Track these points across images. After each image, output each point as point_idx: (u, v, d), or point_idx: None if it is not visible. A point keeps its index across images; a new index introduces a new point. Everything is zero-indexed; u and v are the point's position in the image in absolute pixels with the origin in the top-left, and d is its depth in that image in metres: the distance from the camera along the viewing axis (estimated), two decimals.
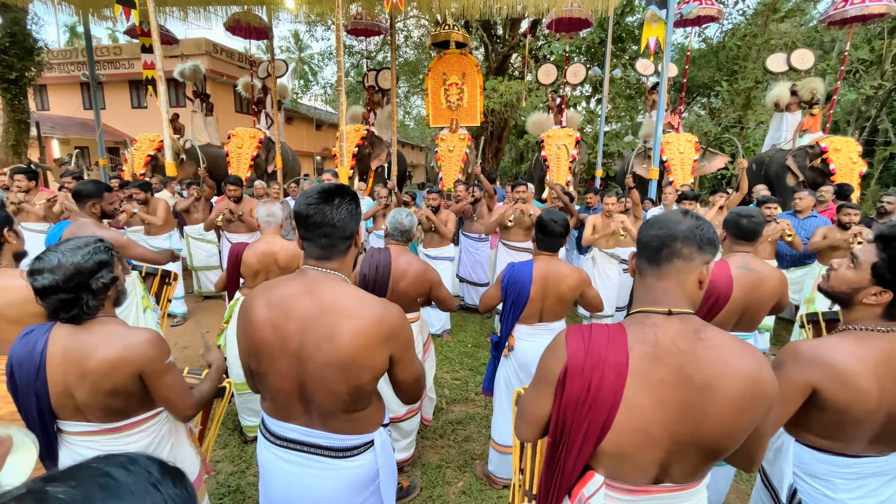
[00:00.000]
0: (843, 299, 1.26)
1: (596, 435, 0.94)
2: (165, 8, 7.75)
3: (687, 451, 0.93)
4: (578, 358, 0.95)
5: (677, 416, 0.90)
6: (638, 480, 0.98)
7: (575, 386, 0.95)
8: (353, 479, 1.21)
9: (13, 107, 9.10)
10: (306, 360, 1.12)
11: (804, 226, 4.53)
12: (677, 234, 0.95)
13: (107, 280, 1.28)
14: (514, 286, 2.25)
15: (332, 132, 21.82)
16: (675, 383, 0.90)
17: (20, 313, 1.55)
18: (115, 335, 1.27)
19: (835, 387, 1.15)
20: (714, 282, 1.96)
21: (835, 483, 1.25)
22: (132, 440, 1.36)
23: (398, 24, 13.36)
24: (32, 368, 1.22)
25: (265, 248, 2.63)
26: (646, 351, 0.92)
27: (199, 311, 5.28)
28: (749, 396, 0.88)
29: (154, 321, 2.92)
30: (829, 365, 1.15)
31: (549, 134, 8.05)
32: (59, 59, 17.17)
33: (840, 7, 7.27)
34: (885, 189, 14.73)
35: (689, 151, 7.61)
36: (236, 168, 8.25)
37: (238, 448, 2.79)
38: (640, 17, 12.33)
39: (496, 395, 2.49)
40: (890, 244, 1.17)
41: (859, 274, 1.21)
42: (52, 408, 1.26)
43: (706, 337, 0.92)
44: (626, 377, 0.91)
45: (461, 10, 6.63)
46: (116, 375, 1.24)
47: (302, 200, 1.16)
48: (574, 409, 0.95)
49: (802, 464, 1.30)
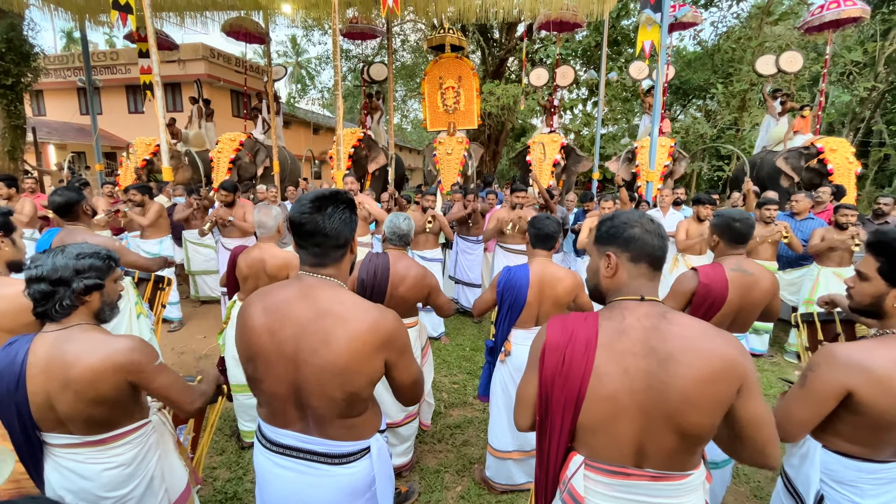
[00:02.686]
0: (874, 312, 1.27)
1: (573, 406, 1.01)
2: (162, 13, 7.76)
3: (657, 425, 0.97)
4: (555, 336, 1.06)
5: (643, 385, 0.96)
6: (615, 459, 1.01)
7: (552, 361, 1.04)
8: (349, 485, 1.21)
9: (9, 112, 9.07)
10: (302, 366, 1.12)
11: (801, 227, 4.54)
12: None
13: (89, 283, 1.28)
14: (510, 290, 2.23)
15: (330, 136, 21.83)
16: (640, 353, 0.97)
17: (14, 323, 1.53)
18: (98, 342, 1.25)
19: (873, 391, 1.14)
20: (710, 284, 1.97)
21: (863, 489, 1.25)
22: (117, 452, 1.33)
23: (395, 27, 13.40)
24: (13, 379, 1.21)
25: (257, 254, 2.64)
26: (613, 326, 1.02)
27: (195, 316, 5.26)
28: (712, 369, 0.93)
29: (148, 327, 2.90)
30: (867, 368, 1.15)
31: (535, 140, 8.12)
32: (56, 65, 17.17)
33: (817, 13, 7.46)
34: (881, 190, 14.82)
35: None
36: (217, 171, 8.22)
37: (235, 454, 2.78)
38: (636, 20, 12.40)
39: (492, 401, 2.47)
40: (882, 249, 1.22)
41: (874, 284, 1.24)
42: (34, 419, 1.24)
43: (672, 317, 1.01)
44: (596, 348, 1.00)
45: (457, 13, 6.66)
46: (101, 383, 1.22)
47: (296, 208, 1.16)
48: (551, 384, 1.04)
49: (830, 470, 1.29)
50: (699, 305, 1.98)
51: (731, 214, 2.03)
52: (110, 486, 1.33)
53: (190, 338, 4.64)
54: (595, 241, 1.13)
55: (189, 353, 4.26)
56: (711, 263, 2.06)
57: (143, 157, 8.39)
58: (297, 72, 22.45)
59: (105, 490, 1.32)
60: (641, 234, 1.05)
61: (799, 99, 12.17)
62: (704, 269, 2.02)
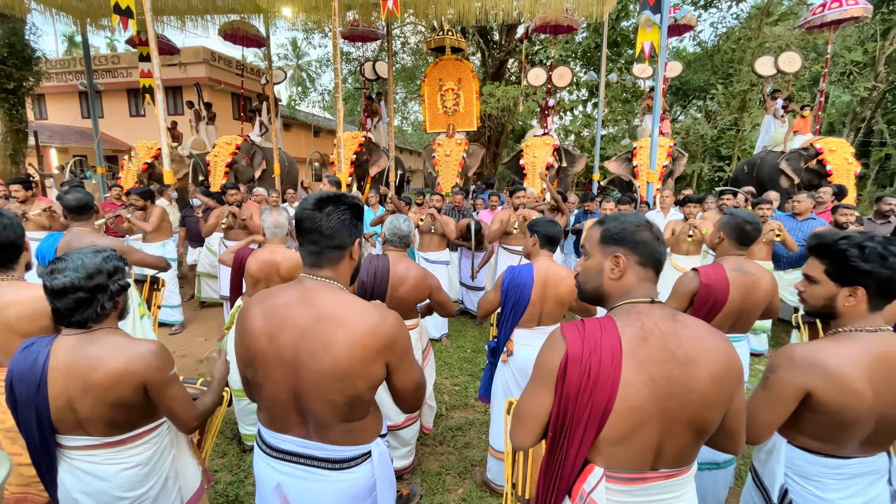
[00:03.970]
0: (828, 313, 1.29)
1: (598, 421, 0.97)
2: (163, 17, 7.79)
3: (678, 428, 0.97)
4: (577, 346, 0.99)
5: (667, 391, 0.95)
6: (636, 467, 1.00)
7: (575, 374, 0.98)
8: (350, 490, 1.20)
9: (11, 116, 9.11)
10: (301, 370, 1.11)
11: (802, 228, 4.53)
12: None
13: (123, 284, 1.31)
14: (514, 289, 2.24)
15: (330, 138, 21.88)
16: (662, 359, 0.96)
17: (31, 326, 1.53)
18: (120, 346, 1.26)
19: (830, 389, 1.16)
20: (711, 285, 1.96)
21: (825, 483, 1.28)
22: (134, 453, 1.34)
23: (395, 30, 13.44)
24: (33, 382, 1.21)
25: (268, 256, 2.60)
26: (634, 333, 0.99)
27: (196, 319, 5.26)
28: (724, 368, 0.96)
29: (150, 328, 2.91)
30: (824, 368, 1.17)
31: (528, 143, 8.12)
32: (58, 69, 17.22)
33: (819, 12, 7.44)
34: (882, 190, 14.80)
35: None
36: (213, 175, 8.22)
37: (237, 457, 2.77)
38: (635, 21, 12.42)
39: (493, 402, 2.47)
40: (824, 252, 1.26)
41: (825, 286, 1.27)
42: (52, 422, 1.25)
43: (682, 319, 1.02)
44: (622, 359, 0.96)
45: (457, 16, 6.67)
46: (121, 387, 1.23)
47: (300, 205, 1.18)
48: (575, 398, 0.98)
49: (794, 465, 1.32)
50: (700, 306, 1.98)
51: (742, 216, 2.02)
52: (127, 486, 1.33)
53: (191, 341, 4.64)
54: (601, 242, 1.09)
55: (190, 356, 4.26)
56: (712, 264, 2.06)
57: (145, 161, 8.40)
58: (298, 74, 22.51)
59: (122, 490, 1.33)
60: (650, 238, 1.05)
61: (799, 99, 12.17)
62: (706, 269, 2.01)
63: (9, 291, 1.57)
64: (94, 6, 7.29)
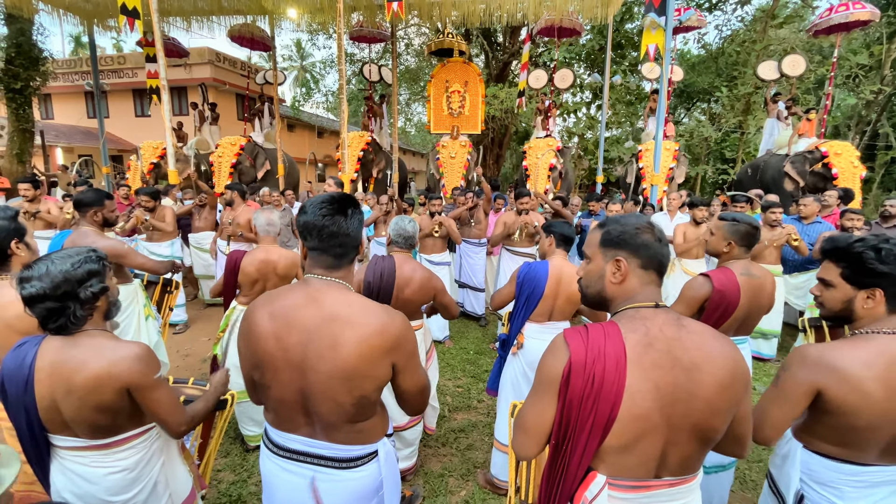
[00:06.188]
0: (846, 317, 1.28)
1: (601, 429, 0.94)
2: (169, 18, 7.84)
3: (682, 436, 0.95)
4: (580, 353, 0.97)
5: (671, 399, 0.93)
6: (639, 474, 0.98)
7: (579, 382, 0.95)
8: (357, 490, 1.20)
9: (18, 116, 9.18)
10: (309, 371, 1.11)
11: (808, 231, 4.50)
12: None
13: (96, 290, 1.25)
14: (529, 282, 2.29)
15: (334, 139, 21.94)
16: (667, 366, 0.94)
17: (30, 326, 1.54)
18: (103, 349, 1.23)
19: (841, 389, 1.15)
20: (723, 290, 1.95)
21: (843, 491, 1.24)
22: (121, 457, 1.33)
23: (399, 31, 13.47)
24: (21, 382, 1.21)
25: (263, 256, 2.60)
26: (638, 339, 0.96)
27: (200, 319, 5.28)
28: (730, 375, 0.94)
29: (156, 329, 2.92)
30: (835, 367, 1.16)
31: (531, 145, 8.12)
32: (64, 69, 17.35)
33: (826, 16, 7.45)
34: (888, 193, 14.72)
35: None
36: (218, 177, 8.27)
37: (240, 457, 2.78)
38: (640, 23, 12.41)
39: (501, 395, 2.48)
40: (840, 256, 1.26)
41: (841, 290, 1.26)
42: (42, 421, 1.24)
43: (686, 324, 0.99)
44: (626, 366, 0.94)
45: (462, 18, 6.69)
46: (103, 391, 1.21)
47: (313, 211, 1.14)
48: (579, 406, 0.96)
49: (810, 470, 1.30)
50: (712, 312, 1.97)
51: (748, 220, 2.02)
52: (114, 490, 1.33)
53: (195, 340, 4.65)
54: (601, 245, 1.07)
55: (194, 355, 4.27)
56: (721, 269, 2.04)
57: (151, 161, 8.45)
58: (302, 75, 22.58)
59: (109, 494, 1.32)
60: (652, 240, 1.03)
61: (804, 102, 12.13)
62: (717, 275, 1.99)
63: (9, 291, 1.57)
64: (101, 7, 7.35)
